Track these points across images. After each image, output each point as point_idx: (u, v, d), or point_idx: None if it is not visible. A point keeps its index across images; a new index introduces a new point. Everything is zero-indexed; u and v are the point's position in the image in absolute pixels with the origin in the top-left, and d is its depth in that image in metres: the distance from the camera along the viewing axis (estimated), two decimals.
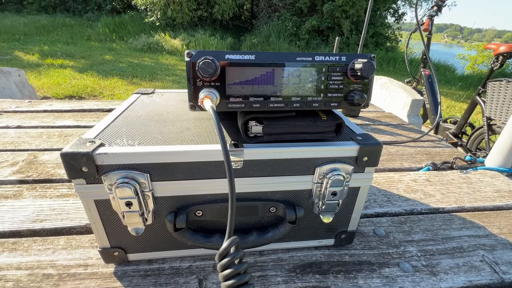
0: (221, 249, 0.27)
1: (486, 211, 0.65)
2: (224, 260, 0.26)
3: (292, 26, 7.43)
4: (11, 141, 0.87)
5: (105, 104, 1.27)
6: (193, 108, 0.35)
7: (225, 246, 0.27)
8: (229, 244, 0.27)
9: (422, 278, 0.46)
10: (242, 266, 0.27)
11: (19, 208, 0.57)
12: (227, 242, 0.27)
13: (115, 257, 0.44)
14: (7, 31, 6.95)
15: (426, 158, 0.90)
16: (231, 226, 0.27)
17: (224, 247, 0.27)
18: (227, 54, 0.34)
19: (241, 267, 0.27)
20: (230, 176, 0.27)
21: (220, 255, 0.27)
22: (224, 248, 0.27)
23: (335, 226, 0.49)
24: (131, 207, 0.38)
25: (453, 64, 7.19)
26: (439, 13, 1.96)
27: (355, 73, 0.36)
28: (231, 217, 0.27)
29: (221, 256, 0.27)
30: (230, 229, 0.28)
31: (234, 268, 0.26)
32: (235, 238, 0.27)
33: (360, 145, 0.40)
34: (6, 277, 0.42)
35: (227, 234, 0.28)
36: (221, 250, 0.27)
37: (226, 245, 0.27)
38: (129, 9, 9.14)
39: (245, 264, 0.27)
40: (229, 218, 0.27)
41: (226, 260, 0.26)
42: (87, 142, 0.37)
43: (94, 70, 4.39)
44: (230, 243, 0.27)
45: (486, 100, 1.70)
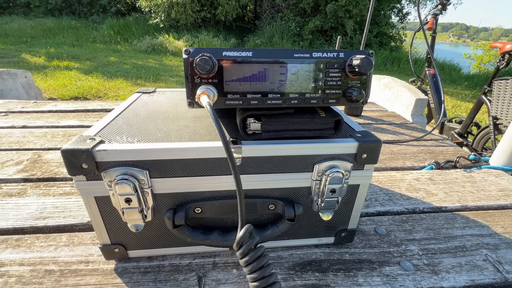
0: (238, 237, 0.29)
1: (490, 210, 0.64)
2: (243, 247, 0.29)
3: (295, 26, 7.42)
4: (16, 140, 0.89)
5: (108, 104, 1.28)
6: (191, 105, 0.35)
7: (241, 234, 0.29)
8: (245, 231, 0.29)
9: (424, 277, 0.45)
10: (259, 250, 0.29)
11: (23, 206, 0.58)
12: (243, 230, 0.29)
13: (115, 254, 0.45)
14: (14, 34, 7.08)
15: (429, 157, 0.89)
16: (243, 215, 0.29)
17: (240, 235, 0.29)
18: (225, 51, 0.34)
19: (259, 251, 0.29)
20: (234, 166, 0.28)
21: (238, 243, 0.29)
22: (241, 236, 0.29)
23: (335, 224, 0.48)
24: (131, 203, 0.38)
25: (459, 64, 7.11)
26: (444, 12, 1.94)
27: (353, 69, 0.35)
28: (241, 207, 0.29)
29: (239, 244, 0.29)
30: (242, 219, 0.29)
31: (252, 253, 0.28)
32: (249, 226, 0.29)
33: (359, 142, 0.40)
34: (9, 273, 0.43)
35: (240, 222, 0.30)
36: (238, 238, 0.29)
37: (243, 233, 0.29)
38: (133, 11, 9.24)
39: (262, 248, 0.29)
40: (239, 208, 0.29)
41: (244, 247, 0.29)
42: (87, 139, 0.37)
43: (99, 72, 4.45)
44: (246, 231, 0.29)
45: (492, 99, 1.68)
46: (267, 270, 0.29)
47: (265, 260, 0.29)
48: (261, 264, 0.28)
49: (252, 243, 0.29)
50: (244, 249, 0.28)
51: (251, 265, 0.28)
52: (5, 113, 1.12)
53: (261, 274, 0.28)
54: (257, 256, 0.29)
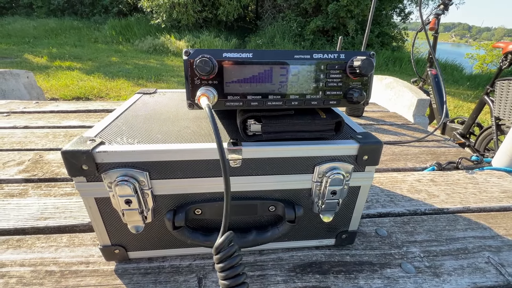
0: (216, 243, 0.29)
1: (492, 212, 0.63)
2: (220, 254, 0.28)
3: (297, 26, 7.41)
4: (18, 140, 0.89)
5: (110, 104, 1.28)
6: (191, 107, 0.35)
7: (220, 241, 0.28)
8: (224, 239, 0.28)
9: (425, 279, 0.45)
10: (235, 259, 0.28)
11: (24, 206, 0.58)
12: (223, 237, 0.29)
13: (116, 255, 0.45)
14: (17, 34, 7.12)
15: (431, 158, 0.88)
16: (226, 221, 0.29)
17: (220, 242, 0.28)
18: (225, 52, 0.34)
19: (235, 260, 0.28)
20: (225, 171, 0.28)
21: (216, 249, 0.29)
22: (220, 242, 0.28)
23: (336, 225, 0.48)
24: (131, 205, 0.38)
25: (461, 64, 7.07)
26: (446, 11, 1.93)
27: (354, 70, 0.35)
28: (226, 212, 0.28)
29: (217, 250, 0.29)
30: (225, 224, 0.29)
31: (228, 261, 0.28)
32: (229, 233, 0.29)
33: (360, 143, 0.40)
34: (10, 274, 0.43)
35: (222, 229, 0.29)
36: (216, 244, 0.29)
37: (222, 240, 0.28)
38: (135, 11, 9.26)
39: (239, 257, 0.29)
40: (224, 212, 0.28)
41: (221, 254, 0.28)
42: (87, 140, 0.37)
43: (101, 72, 4.46)
44: (226, 238, 0.28)
45: (494, 99, 1.67)
46: (240, 279, 0.29)
47: (240, 269, 0.29)
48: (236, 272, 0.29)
49: (229, 251, 0.29)
50: (221, 256, 0.29)
51: (225, 272, 0.29)
52: (7, 113, 1.13)
53: (234, 282, 0.28)
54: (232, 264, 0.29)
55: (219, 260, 0.29)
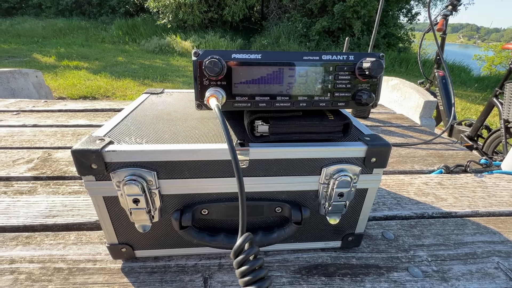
0: (235, 246, 0.27)
1: (502, 216, 0.62)
2: (240, 257, 0.27)
3: (302, 27, 7.40)
4: (27, 139, 0.91)
5: (117, 104, 1.30)
6: (200, 107, 0.36)
7: (239, 243, 0.27)
8: (243, 240, 0.27)
9: (433, 284, 0.44)
10: (257, 262, 0.27)
11: (33, 204, 0.59)
12: (241, 238, 0.27)
13: (122, 253, 0.45)
14: (26, 34, 7.25)
15: (439, 161, 0.87)
16: (243, 222, 0.28)
17: (238, 244, 0.27)
18: (234, 53, 0.34)
19: (257, 263, 0.27)
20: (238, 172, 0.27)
21: (235, 252, 0.27)
22: (238, 245, 0.27)
23: (342, 228, 0.48)
24: (138, 204, 0.38)
25: (469, 65, 6.97)
26: (455, 12, 1.91)
27: (363, 72, 0.35)
28: (243, 214, 0.27)
29: (235, 253, 0.27)
30: (242, 226, 0.28)
31: (249, 264, 0.26)
32: (248, 235, 0.27)
33: (368, 145, 0.40)
34: (19, 270, 0.44)
35: (240, 231, 0.28)
36: (235, 247, 0.27)
37: (240, 241, 0.27)
38: (141, 12, 9.35)
39: (261, 260, 0.27)
40: (240, 215, 0.28)
41: (241, 257, 0.27)
42: (96, 139, 0.38)
43: (108, 72, 4.51)
44: (244, 240, 0.27)
45: (503, 101, 1.64)
46: (265, 284, 0.26)
47: (263, 273, 0.27)
48: (258, 278, 0.26)
49: (250, 253, 0.27)
50: (241, 260, 0.26)
51: (246, 278, 0.26)
52: (17, 112, 1.15)
53: None
54: (253, 268, 0.26)
55: (238, 264, 0.27)
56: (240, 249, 0.27)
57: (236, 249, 0.27)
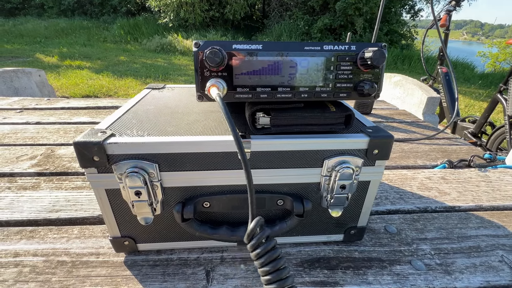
0: (248, 230, 0.28)
1: (506, 211, 0.61)
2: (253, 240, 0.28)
3: (304, 25, 7.36)
4: (30, 136, 0.91)
5: (119, 101, 1.30)
6: (201, 99, 0.35)
7: (252, 227, 0.28)
8: (256, 224, 0.28)
9: (436, 277, 0.44)
10: (271, 243, 0.28)
11: (36, 199, 0.60)
12: (254, 222, 0.28)
13: (125, 247, 0.45)
14: (29, 34, 7.29)
15: (442, 156, 0.87)
16: (253, 208, 0.28)
17: (251, 228, 0.28)
18: (235, 43, 0.34)
19: (270, 244, 0.28)
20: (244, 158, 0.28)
21: (248, 235, 0.28)
22: (251, 228, 0.28)
23: (344, 221, 0.48)
24: (140, 196, 0.38)
25: (473, 62, 6.90)
26: (458, 8, 1.88)
27: (365, 62, 0.35)
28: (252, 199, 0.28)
29: (249, 237, 0.28)
30: (252, 211, 0.29)
31: (263, 246, 0.27)
32: (260, 218, 0.28)
33: (370, 137, 0.39)
34: (23, 263, 0.44)
35: (251, 215, 0.29)
36: (248, 231, 0.28)
37: (253, 225, 0.28)
38: (143, 11, 9.36)
39: (274, 241, 0.28)
40: (249, 200, 0.28)
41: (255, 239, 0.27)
42: (98, 132, 0.38)
43: (110, 71, 4.52)
44: (256, 223, 0.28)
45: (508, 98, 1.62)
46: (280, 263, 0.27)
47: (277, 253, 0.28)
48: (273, 257, 0.27)
49: (263, 235, 0.28)
50: (255, 242, 0.27)
51: (262, 258, 0.27)
52: (20, 109, 1.16)
53: (274, 267, 0.27)
54: (269, 248, 0.27)
55: (253, 247, 0.28)
56: (253, 233, 0.28)
57: (249, 232, 0.28)
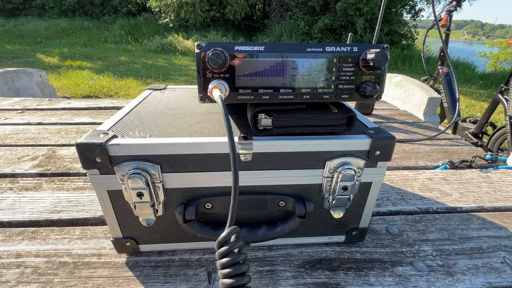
0: (220, 237, 0.26)
1: (508, 212, 0.61)
2: (223, 248, 0.26)
3: (305, 25, 7.37)
4: (32, 136, 0.91)
5: (120, 102, 1.30)
6: (203, 100, 0.35)
7: (224, 234, 0.26)
8: (229, 232, 0.26)
9: (438, 278, 0.44)
10: (240, 256, 0.26)
11: (38, 200, 0.60)
12: (227, 230, 0.26)
13: (127, 248, 0.45)
14: (30, 35, 7.30)
15: (443, 157, 0.87)
16: (233, 214, 0.27)
17: (223, 235, 0.26)
18: (237, 45, 0.34)
19: (240, 257, 0.26)
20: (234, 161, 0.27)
21: (219, 242, 0.26)
22: (223, 236, 0.26)
23: (346, 222, 0.48)
24: (142, 197, 0.39)
25: (473, 62, 6.90)
26: (459, 8, 1.88)
27: (367, 63, 0.35)
28: (233, 205, 0.27)
29: (219, 244, 0.26)
30: (231, 218, 0.27)
31: (232, 257, 0.26)
32: (235, 227, 0.27)
33: (372, 138, 0.39)
34: (25, 264, 0.44)
35: (228, 222, 0.27)
36: (220, 238, 0.26)
37: (226, 233, 0.26)
38: (143, 11, 9.38)
39: (244, 255, 0.26)
40: (231, 206, 0.27)
41: (224, 248, 0.26)
42: (101, 133, 0.38)
43: (110, 71, 4.53)
44: (230, 232, 0.26)
45: (509, 98, 1.62)
46: (243, 280, 0.25)
47: (244, 269, 0.26)
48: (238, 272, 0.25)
49: (235, 245, 0.26)
50: (224, 251, 0.26)
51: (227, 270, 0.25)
52: (22, 110, 1.16)
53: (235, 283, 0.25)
54: (235, 261, 0.26)
55: (220, 255, 0.26)
56: (224, 241, 0.26)
57: (220, 240, 0.26)
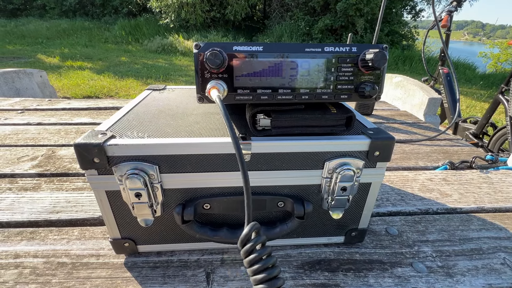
0: (242, 235, 0.27)
1: (508, 212, 0.61)
2: (247, 246, 0.26)
3: (305, 25, 7.37)
4: (31, 137, 0.91)
5: (120, 102, 1.30)
6: (201, 100, 0.35)
7: (246, 231, 0.26)
8: (250, 229, 0.26)
9: (437, 279, 0.44)
10: (265, 250, 0.26)
11: (37, 200, 0.60)
12: (248, 227, 0.27)
13: (125, 248, 0.45)
14: (31, 35, 7.32)
15: (443, 157, 0.86)
16: (249, 212, 0.27)
17: (245, 233, 0.27)
18: (235, 45, 0.34)
19: (265, 251, 0.26)
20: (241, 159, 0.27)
21: (242, 240, 0.27)
22: (245, 233, 0.26)
23: (345, 223, 0.47)
24: (141, 198, 0.38)
25: (474, 63, 6.89)
26: (459, 8, 1.88)
27: (366, 63, 0.35)
28: (248, 203, 0.27)
29: (242, 242, 0.27)
30: (248, 215, 0.27)
31: (257, 252, 0.26)
32: (255, 223, 0.27)
33: (372, 139, 0.39)
34: (23, 264, 0.44)
35: (246, 220, 0.27)
36: (242, 236, 0.27)
37: (247, 230, 0.26)
38: (144, 12, 9.39)
39: (269, 248, 0.27)
40: (246, 203, 0.27)
41: (248, 245, 0.26)
42: (99, 134, 0.38)
43: (111, 72, 4.54)
44: (251, 228, 0.26)
45: (509, 98, 1.61)
46: (274, 272, 0.26)
47: (272, 261, 0.26)
48: (267, 265, 0.26)
49: (258, 241, 0.26)
50: (249, 248, 0.26)
51: (256, 265, 0.26)
52: (21, 110, 1.16)
53: (267, 276, 0.25)
54: (262, 255, 0.26)
55: (246, 253, 0.26)
56: (247, 238, 0.27)
57: (243, 238, 0.27)
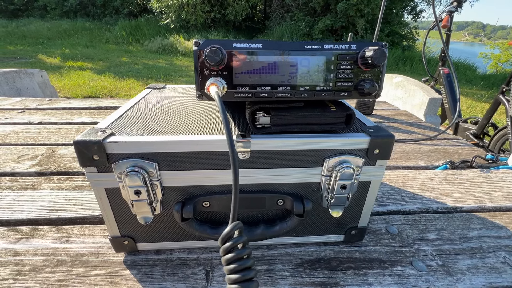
0: (223, 232, 0.26)
1: (508, 212, 0.61)
2: (227, 244, 0.26)
3: (305, 26, 7.38)
4: (32, 136, 0.91)
5: (120, 102, 1.31)
6: (201, 97, 0.35)
7: (228, 230, 0.26)
8: (232, 228, 0.26)
9: (437, 278, 0.44)
10: (245, 251, 0.26)
11: (37, 198, 0.60)
12: (231, 226, 0.27)
13: (125, 246, 0.45)
14: (32, 36, 7.34)
15: (443, 157, 0.86)
16: (235, 210, 0.27)
17: (227, 231, 0.26)
18: (234, 42, 0.34)
19: (244, 252, 0.26)
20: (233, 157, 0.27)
21: (223, 238, 0.26)
22: (227, 232, 0.26)
23: (345, 221, 0.47)
24: (140, 195, 0.38)
25: (474, 63, 6.88)
26: (460, 9, 1.88)
27: (366, 61, 0.35)
28: (235, 201, 0.27)
29: (223, 240, 0.26)
30: (233, 214, 0.27)
31: (236, 252, 0.26)
32: (238, 223, 0.27)
33: (371, 137, 0.39)
34: (23, 262, 0.44)
35: (231, 218, 0.27)
36: (223, 233, 0.26)
37: (229, 228, 0.26)
38: (145, 12, 9.41)
39: (248, 249, 0.26)
40: (232, 202, 0.27)
41: (228, 244, 0.26)
42: (98, 131, 0.38)
43: (111, 72, 4.54)
44: (234, 227, 0.26)
45: (510, 99, 1.61)
46: (250, 274, 0.25)
47: (249, 263, 0.26)
48: (244, 266, 0.25)
49: (239, 241, 0.26)
50: (228, 246, 0.26)
51: (232, 265, 0.25)
52: (22, 110, 1.16)
53: (242, 277, 0.25)
54: (241, 256, 0.25)
55: (225, 251, 0.26)
56: (228, 236, 0.26)
57: (224, 235, 0.26)
